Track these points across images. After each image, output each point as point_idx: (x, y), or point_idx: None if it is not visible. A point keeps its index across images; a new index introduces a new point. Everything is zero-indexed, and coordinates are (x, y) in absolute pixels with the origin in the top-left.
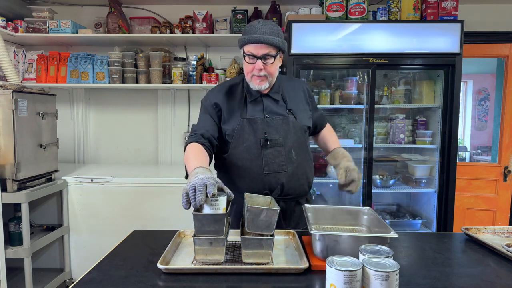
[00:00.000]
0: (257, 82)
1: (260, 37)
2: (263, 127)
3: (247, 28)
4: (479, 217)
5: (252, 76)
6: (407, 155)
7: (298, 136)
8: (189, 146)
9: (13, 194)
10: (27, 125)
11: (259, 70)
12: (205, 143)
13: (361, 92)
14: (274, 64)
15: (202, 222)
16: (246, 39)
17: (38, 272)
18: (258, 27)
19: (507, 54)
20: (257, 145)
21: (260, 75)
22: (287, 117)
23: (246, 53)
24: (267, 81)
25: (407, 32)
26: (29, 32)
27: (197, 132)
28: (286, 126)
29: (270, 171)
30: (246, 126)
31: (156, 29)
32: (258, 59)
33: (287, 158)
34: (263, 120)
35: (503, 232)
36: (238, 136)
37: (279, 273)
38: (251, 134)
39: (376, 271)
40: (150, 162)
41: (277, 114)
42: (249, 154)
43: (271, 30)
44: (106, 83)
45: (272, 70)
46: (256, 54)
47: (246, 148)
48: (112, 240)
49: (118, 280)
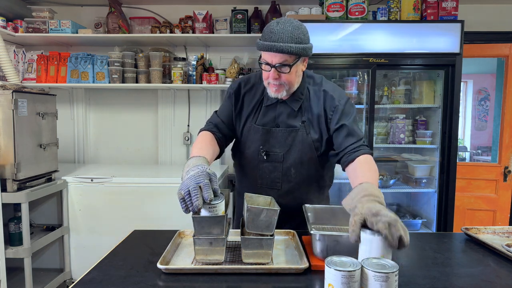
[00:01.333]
0: (273, 90)
1: (274, 45)
2: (268, 138)
3: (265, 31)
4: (479, 217)
5: (268, 83)
6: (407, 155)
7: (303, 153)
8: (200, 134)
9: (13, 194)
10: (27, 125)
11: (274, 79)
12: (216, 134)
13: (361, 92)
14: (292, 72)
15: (201, 224)
16: (261, 46)
17: (38, 272)
18: (275, 31)
19: (507, 54)
20: (256, 156)
21: (275, 84)
22: (296, 130)
23: (261, 60)
24: (283, 89)
25: (407, 32)
26: (29, 32)
27: (212, 121)
28: (291, 140)
29: (263, 185)
30: (252, 133)
31: (156, 29)
32: (273, 68)
33: (284, 175)
34: (269, 130)
35: (503, 232)
36: (244, 141)
37: (279, 273)
38: (253, 142)
39: (375, 272)
40: (150, 162)
41: (288, 125)
42: (248, 162)
43: (290, 35)
44: (106, 83)
45: (290, 78)
46: (271, 62)
47: (247, 155)
48: (112, 240)
49: (118, 280)
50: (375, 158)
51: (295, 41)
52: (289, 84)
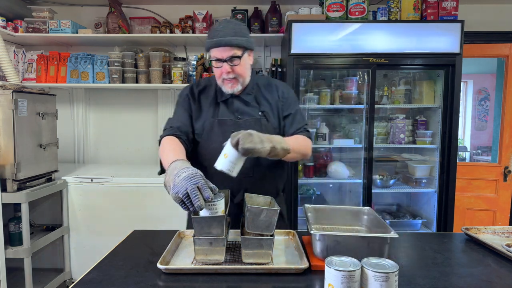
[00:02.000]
0: (228, 86)
1: (222, 40)
2: (233, 129)
3: (210, 33)
4: (479, 217)
5: (223, 80)
6: (407, 155)
7: None
8: (164, 140)
9: (13, 194)
10: (27, 125)
11: (227, 73)
12: (181, 137)
13: (361, 92)
14: (242, 64)
15: (201, 224)
16: (209, 44)
17: (38, 272)
18: (219, 29)
19: (507, 54)
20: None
21: (230, 78)
22: (259, 119)
23: (212, 58)
24: (238, 83)
25: (407, 32)
26: (29, 32)
27: (172, 125)
28: (258, 129)
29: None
30: (216, 127)
31: (156, 29)
32: (224, 62)
33: (255, 163)
34: (235, 121)
35: (503, 232)
36: (207, 137)
37: (279, 273)
38: (220, 135)
39: (375, 272)
40: (150, 162)
41: (249, 116)
42: (216, 156)
43: (233, 31)
44: (106, 83)
45: (242, 70)
46: (221, 57)
47: (213, 149)
48: (112, 240)
49: (118, 280)
50: (375, 158)
51: (239, 35)
52: (242, 77)
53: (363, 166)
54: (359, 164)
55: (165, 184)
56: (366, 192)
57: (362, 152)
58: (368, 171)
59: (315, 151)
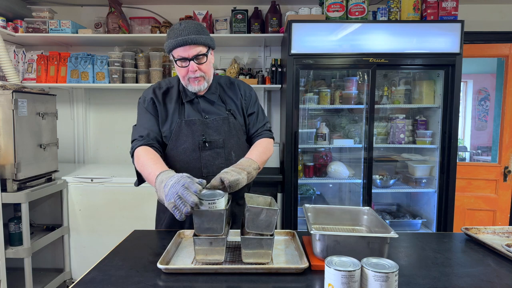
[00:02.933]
0: (195, 84)
1: (187, 38)
2: (202, 128)
3: (170, 33)
4: (479, 217)
5: (189, 78)
6: (407, 155)
7: (238, 137)
8: (139, 151)
9: (13, 194)
10: (27, 125)
11: (194, 72)
12: (154, 145)
13: (361, 92)
14: (207, 62)
15: (202, 219)
16: (173, 43)
17: (38, 272)
18: (181, 28)
19: (507, 54)
20: (195, 147)
21: (197, 76)
22: (227, 117)
23: (176, 57)
24: (204, 81)
25: (407, 32)
26: (29, 32)
27: (142, 134)
28: (226, 127)
29: (209, 173)
30: (184, 127)
31: (156, 29)
32: (191, 61)
33: (227, 160)
34: (202, 121)
35: (503, 232)
36: (176, 138)
37: (279, 273)
38: (189, 135)
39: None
40: None
41: (216, 115)
42: (187, 156)
43: (196, 29)
44: (106, 83)
45: (207, 69)
46: (187, 56)
47: (183, 150)
48: (112, 240)
49: (118, 280)
50: (374, 158)
51: (202, 33)
52: (207, 75)
53: (363, 166)
54: (359, 164)
55: (159, 200)
56: (366, 192)
57: (362, 152)
58: (368, 171)
59: (315, 151)
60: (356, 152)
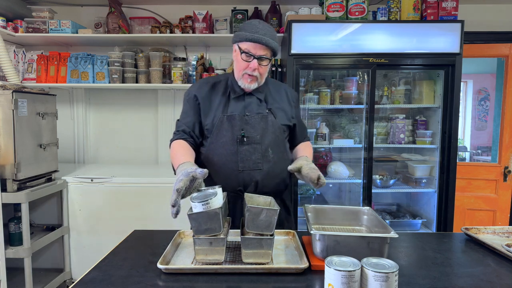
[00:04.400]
0: (247, 81)
1: (262, 38)
2: (241, 124)
3: (247, 26)
4: (479, 217)
5: (244, 74)
6: (407, 155)
7: (276, 135)
8: (173, 144)
9: (13, 194)
10: (27, 125)
11: (253, 70)
12: (187, 139)
13: (361, 92)
14: (267, 67)
15: (198, 221)
16: (248, 37)
17: (38, 272)
18: (259, 27)
19: (507, 54)
20: (234, 141)
21: (253, 75)
22: (266, 115)
23: (243, 50)
24: (256, 82)
25: (407, 32)
26: (29, 32)
27: (179, 129)
28: (264, 125)
29: (245, 168)
30: (225, 122)
31: (156, 29)
32: (255, 59)
33: (264, 156)
34: (242, 117)
35: (503, 232)
36: (217, 132)
37: (279, 273)
38: (229, 130)
39: (375, 272)
40: (150, 162)
41: (257, 113)
42: (225, 150)
43: (271, 34)
44: (106, 83)
45: (264, 72)
46: (254, 53)
47: (222, 143)
48: (112, 240)
49: (118, 280)
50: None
51: (275, 40)
52: (261, 77)
53: (363, 166)
54: (359, 164)
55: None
56: (366, 192)
57: (362, 152)
58: (368, 171)
59: (315, 151)
60: (356, 152)
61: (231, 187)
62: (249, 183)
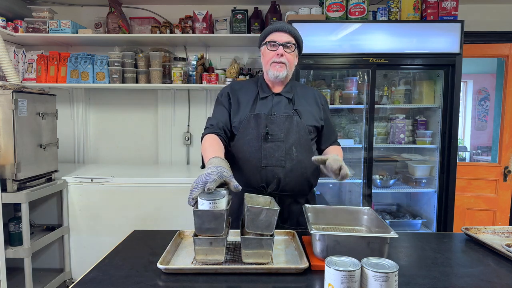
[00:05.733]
0: (276, 68)
1: (284, 26)
2: (266, 122)
3: (267, 27)
4: (479, 217)
5: (272, 63)
6: (407, 155)
7: (300, 135)
8: (205, 137)
9: (13, 194)
10: (27, 125)
11: (279, 56)
12: (220, 134)
13: (361, 92)
14: (293, 54)
15: (202, 218)
16: (270, 28)
17: (38, 272)
18: (278, 23)
19: (507, 54)
20: (258, 138)
21: (281, 61)
22: (291, 115)
23: (268, 41)
24: (285, 69)
25: (407, 32)
26: (29, 32)
27: (212, 123)
28: (289, 124)
29: (268, 165)
30: (252, 120)
31: (156, 29)
32: (280, 46)
33: (287, 154)
34: (268, 116)
35: (503, 232)
36: (244, 130)
37: (279, 273)
38: (254, 128)
39: (375, 272)
40: (150, 162)
41: (283, 112)
42: (250, 147)
43: (292, 27)
44: (106, 83)
45: (291, 59)
46: (279, 41)
47: (248, 141)
48: (112, 240)
49: (118, 280)
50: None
51: (296, 32)
52: (290, 65)
53: (363, 166)
54: (359, 164)
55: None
56: (366, 192)
57: (362, 152)
58: (368, 171)
59: None
60: (356, 152)
61: (254, 184)
62: (271, 180)
